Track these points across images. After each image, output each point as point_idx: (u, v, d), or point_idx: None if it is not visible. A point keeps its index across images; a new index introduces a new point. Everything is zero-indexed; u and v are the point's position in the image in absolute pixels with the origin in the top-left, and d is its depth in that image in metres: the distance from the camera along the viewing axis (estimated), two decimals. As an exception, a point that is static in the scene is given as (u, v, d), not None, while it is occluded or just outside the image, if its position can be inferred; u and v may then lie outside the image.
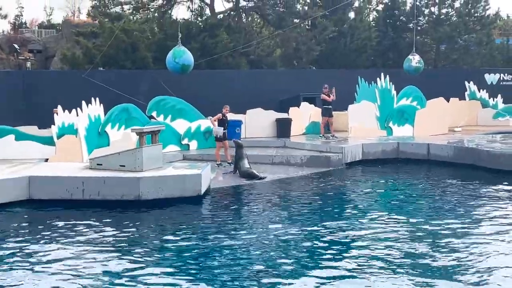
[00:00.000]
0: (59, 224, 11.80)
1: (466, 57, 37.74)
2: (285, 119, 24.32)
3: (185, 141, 21.81)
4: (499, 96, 30.55)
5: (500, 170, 17.69)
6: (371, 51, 36.74)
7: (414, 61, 25.65)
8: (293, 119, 24.37)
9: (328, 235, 10.99)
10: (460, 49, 37.89)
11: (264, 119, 24.43)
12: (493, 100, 30.54)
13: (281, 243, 10.41)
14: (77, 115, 17.87)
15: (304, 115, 25.27)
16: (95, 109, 18.92)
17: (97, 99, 19.19)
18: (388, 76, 24.62)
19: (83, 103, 18.19)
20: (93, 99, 18.95)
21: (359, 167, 19.94)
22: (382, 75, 24.57)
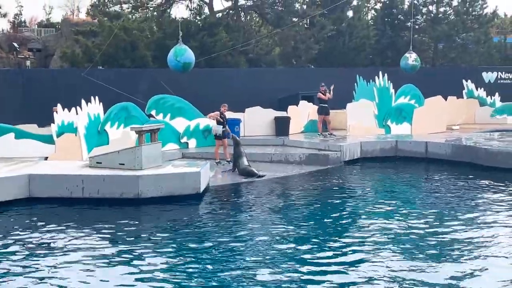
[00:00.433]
0: (58, 222, 11.81)
1: (464, 56, 37.81)
2: (283, 118, 24.35)
3: (184, 140, 21.87)
4: (497, 94, 30.65)
5: (497, 168, 17.74)
6: (370, 49, 36.80)
7: (410, 59, 25.75)
8: (291, 117, 24.39)
9: (326, 233, 11.02)
10: (458, 47, 37.95)
11: (262, 118, 24.46)
12: (491, 98, 30.65)
13: (280, 241, 10.41)
14: (77, 114, 17.93)
15: (302, 113, 25.31)
16: (94, 107, 18.98)
17: (97, 97, 19.25)
18: (386, 74, 24.72)
19: (83, 101, 18.26)
20: (92, 97, 19.02)
21: (357, 165, 19.99)
22: (380, 73, 24.66)
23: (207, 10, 40.12)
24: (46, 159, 17.17)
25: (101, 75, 26.08)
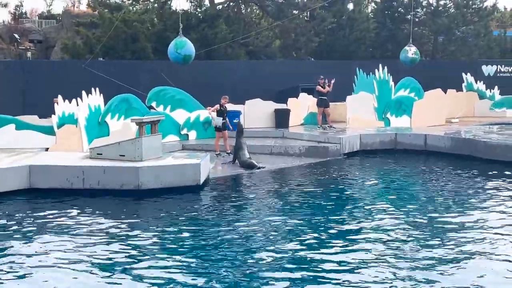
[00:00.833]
0: (59, 213, 11.87)
1: (463, 49, 37.79)
2: (283, 110, 24.40)
3: (184, 131, 21.92)
4: (496, 87, 30.69)
5: (496, 160, 17.81)
6: (370, 42, 36.78)
7: (410, 52, 25.80)
8: (291, 109, 24.45)
9: (326, 225, 11.07)
10: (457, 40, 37.93)
11: (262, 110, 24.52)
12: (490, 91, 30.69)
13: (279, 233, 10.47)
14: (77, 105, 17.97)
15: (302, 105, 25.34)
16: (95, 99, 19.01)
17: (97, 89, 19.29)
18: (386, 67, 24.75)
19: (83, 93, 18.29)
20: (93, 89, 19.06)
21: (356, 157, 20.06)
22: (380, 66, 24.69)
23: (207, 2, 40.06)
24: (46, 150, 17.21)
25: (102, 67, 26.10)
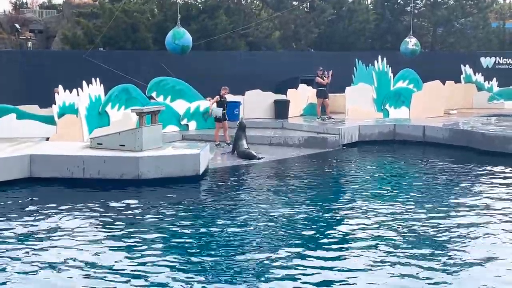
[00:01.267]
0: (59, 202, 11.91)
1: (462, 41, 37.78)
2: (283, 101, 24.49)
3: (184, 122, 22.01)
4: (494, 79, 30.77)
5: (494, 151, 17.95)
6: (369, 33, 36.76)
7: (410, 43, 25.83)
8: (291, 100, 24.54)
9: (325, 215, 11.15)
10: (456, 32, 37.91)
11: (262, 101, 24.60)
12: (489, 83, 30.77)
13: (278, 223, 10.52)
14: (78, 95, 18.04)
15: (302, 96, 25.42)
16: (95, 89, 19.07)
17: (98, 79, 19.35)
18: (385, 58, 24.81)
19: (84, 83, 18.36)
20: (93, 79, 19.13)
21: (355, 148, 20.18)
22: (379, 57, 24.75)
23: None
24: (47, 139, 17.27)
25: (102, 57, 26.14)
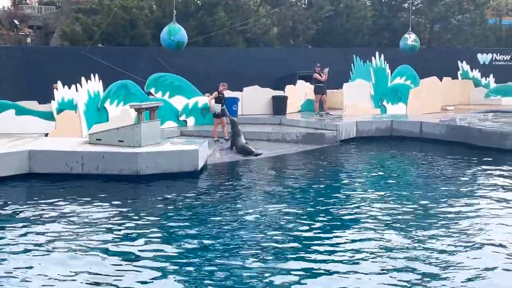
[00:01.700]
0: (58, 197, 11.93)
1: (459, 37, 37.82)
2: (281, 97, 24.56)
3: (182, 117, 22.09)
4: (491, 75, 30.87)
5: (491, 148, 18.03)
6: (367, 30, 36.79)
7: (410, 39, 25.91)
8: (289, 96, 24.62)
9: (322, 211, 11.14)
10: (453, 29, 37.95)
11: (260, 97, 24.67)
12: (485, 79, 30.89)
13: (276, 219, 10.52)
14: (77, 91, 18.10)
15: (300, 93, 25.50)
16: (94, 85, 19.14)
17: (96, 75, 19.42)
18: (382, 55, 24.89)
19: (83, 79, 18.42)
20: (92, 75, 19.20)
21: (353, 144, 20.23)
22: (377, 54, 24.82)
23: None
24: (46, 135, 17.32)
25: (101, 53, 26.20)
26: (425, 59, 29.32)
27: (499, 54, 33.19)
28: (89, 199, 11.87)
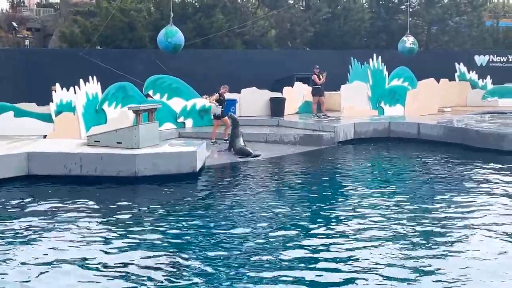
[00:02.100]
0: (56, 199, 11.96)
1: (456, 39, 37.89)
2: (279, 99, 24.62)
3: (181, 119, 22.13)
4: (488, 77, 30.93)
5: (488, 149, 18.07)
6: (364, 32, 36.86)
7: (408, 42, 25.93)
8: (286, 98, 24.67)
9: (320, 212, 11.21)
10: (451, 31, 38.02)
11: (258, 98, 24.73)
12: (483, 81, 30.94)
13: (273, 220, 10.55)
14: (75, 93, 18.14)
15: (297, 94, 25.55)
16: (92, 87, 19.17)
17: (95, 77, 19.44)
18: (380, 57, 24.95)
19: (81, 81, 18.47)
20: (90, 77, 19.23)
21: (351, 145, 20.26)
22: (374, 56, 24.89)
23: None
24: (44, 137, 17.37)
25: (99, 55, 26.23)
26: (422, 61, 29.37)
27: (496, 56, 33.25)
28: (88, 201, 11.88)
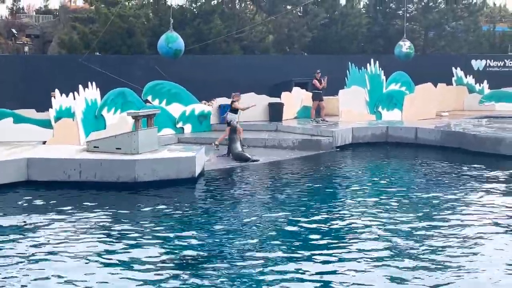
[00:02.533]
0: (56, 205, 11.98)
1: (453, 44, 38.05)
2: (277, 104, 24.66)
3: (179, 125, 22.19)
4: (485, 81, 31.05)
5: (485, 153, 18.15)
6: (362, 37, 36.98)
7: (404, 47, 25.99)
8: (285, 103, 24.72)
9: (319, 217, 11.20)
10: (447, 35, 38.19)
11: (256, 104, 24.70)
12: (480, 85, 31.06)
13: (273, 226, 10.56)
14: (74, 99, 18.19)
15: (296, 99, 25.61)
16: (91, 93, 19.20)
17: (94, 83, 19.49)
18: (377, 61, 25.05)
19: (80, 87, 18.52)
20: (89, 83, 19.29)
21: (349, 150, 20.31)
22: (372, 60, 24.99)
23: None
24: (44, 143, 17.38)
25: (98, 61, 26.29)
26: (419, 66, 29.45)
27: (492, 60, 33.32)
28: (87, 206, 11.91)
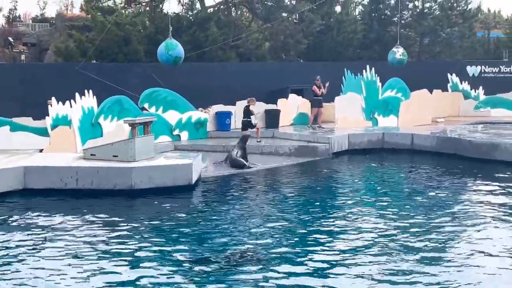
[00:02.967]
0: (53, 213, 11.98)
1: (448, 50, 38.21)
2: (273, 110, 24.69)
3: (176, 132, 22.19)
4: (481, 87, 31.15)
5: (481, 159, 18.18)
6: (357, 44, 37.11)
7: (398, 53, 26.07)
8: (281, 110, 24.77)
9: (316, 224, 11.24)
10: (442, 42, 38.36)
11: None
12: (475, 91, 31.15)
13: (269, 232, 10.58)
14: (71, 107, 18.19)
15: (292, 106, 25.65)
16: (88, 101, 19.23)
17: (90, 91, 19.52)
18: (373, 68, 25.13)
19: (77, 95, 18.55)
20: (86, 91, 19.32)
21: (345, 156, 20.33)
22: (367, 67, 25.07)
23: (198, 5, 40.38)
24: (41, 151, 17.39)
25: (95, 69, 26.35)
26: (415, 72, 29.56)
27: (487, 66, 33.46)
28: (84, 214, 11.88)
